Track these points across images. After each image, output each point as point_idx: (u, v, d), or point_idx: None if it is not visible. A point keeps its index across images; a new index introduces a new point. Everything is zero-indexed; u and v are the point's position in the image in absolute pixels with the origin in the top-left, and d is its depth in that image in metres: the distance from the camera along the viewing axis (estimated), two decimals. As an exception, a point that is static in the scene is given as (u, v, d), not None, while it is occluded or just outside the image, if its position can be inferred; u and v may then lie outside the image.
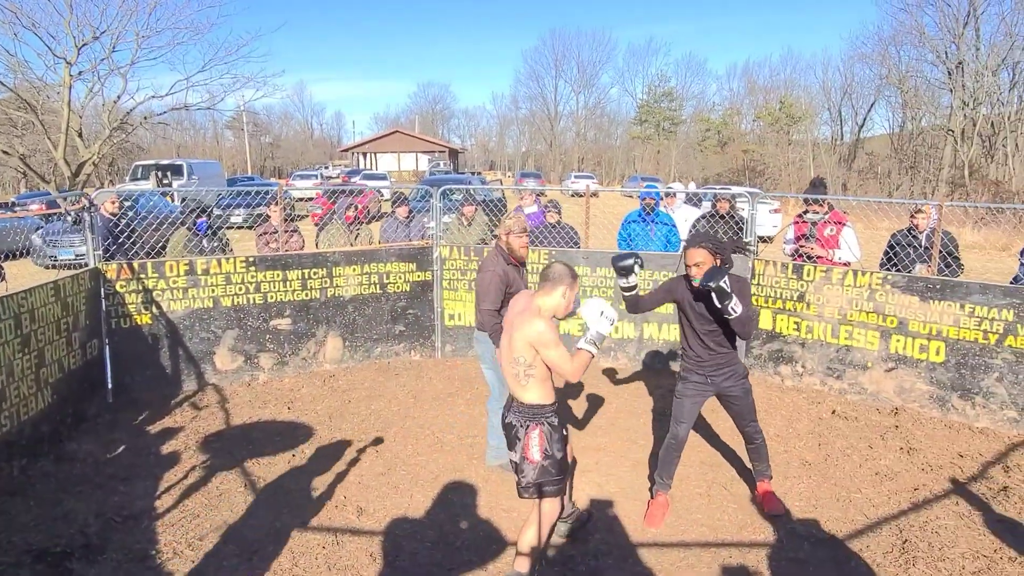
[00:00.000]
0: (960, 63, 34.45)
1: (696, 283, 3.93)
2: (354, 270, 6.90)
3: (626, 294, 4.20)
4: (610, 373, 6.89)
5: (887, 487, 4.60)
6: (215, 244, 7.05)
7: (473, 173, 43.97)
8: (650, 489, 4.50)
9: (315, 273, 6.69)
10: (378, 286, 7.05)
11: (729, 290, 3.72)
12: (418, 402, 6.07)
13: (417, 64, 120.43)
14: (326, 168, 53.73)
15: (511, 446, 3.43)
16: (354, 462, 4.90)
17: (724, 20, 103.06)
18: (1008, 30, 33.13)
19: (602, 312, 3.30)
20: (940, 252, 5.90)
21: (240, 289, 6.34)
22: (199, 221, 6.94)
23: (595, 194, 25.39)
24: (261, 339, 6.48)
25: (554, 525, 3.51)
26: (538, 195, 8.94)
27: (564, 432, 3.43)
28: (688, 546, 3.90)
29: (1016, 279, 6.16)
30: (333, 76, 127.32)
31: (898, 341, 5.88)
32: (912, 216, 6.35)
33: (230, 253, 6.94)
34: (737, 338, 4.06)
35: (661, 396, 6.28)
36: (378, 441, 5.25)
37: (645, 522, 4.16)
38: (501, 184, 29.24)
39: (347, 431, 5.44)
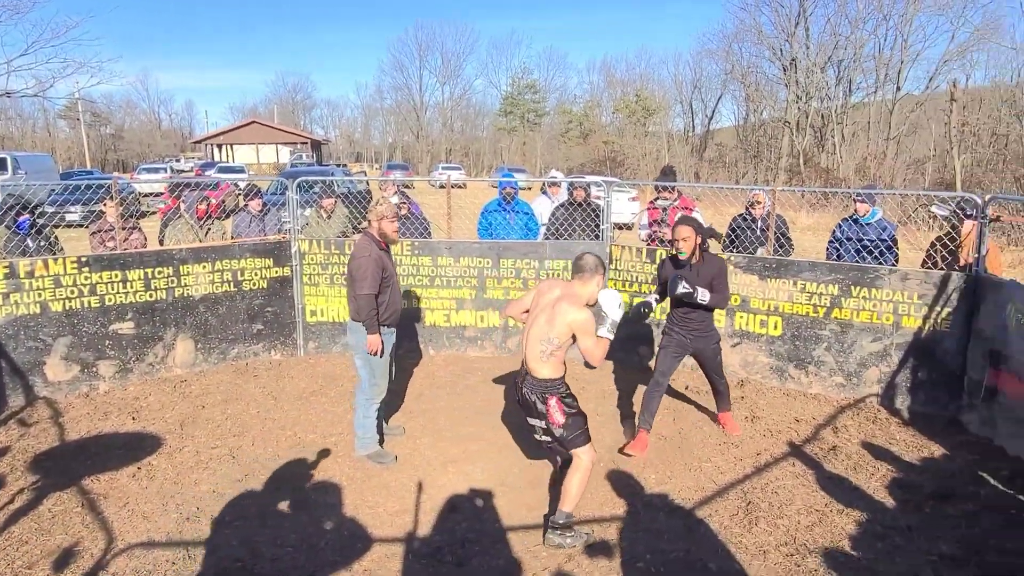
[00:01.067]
0: (793, 60, 37.40)
1: (681, 256, 4.78)
2: (204, 267, 6.50)
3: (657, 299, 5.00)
4: (478, 362, 6.93)
5: (733, 454, 4.93)
6: (40, 244, 6.41)
7: (338, 165, 42.79)
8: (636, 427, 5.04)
9: (160, 272, 6.24)
10: (232, 284, 6.69)
11: (691, 291, 4.64)
12: (279, 403, 5.83)
13: (275, 52, 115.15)
14: (177, 161, 50.38)
15: (531, 415, 3.90)
16: (208, 471, 4.63)
17: (583, 16, 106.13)
18: (833, 30, 36.38)
19: (619, 303, 3.81)
20: (775, 234, 6.38)
21: (72, 292, 5.81)
22: (20, 219, 6.27)
23: (463, 185, 25.46)
24: (99, 345, 5.97)
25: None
26: (404, 187, 8.82)
27: (572, 394, 3.94)
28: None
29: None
30: (182, 63, 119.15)
31: (741, 318, 6.31)
32: (750, 206, 6.80)
33: (60, 253, 6.33)
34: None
35: (527, 382, 6.38)
36: (235, 446, 4.99)
37: (630, 448, 4.85)
38: (366, 176, 28.59)
39: (201, 438, 5.13)
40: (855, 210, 6.33)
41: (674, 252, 4.86)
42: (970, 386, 5.35)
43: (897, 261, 6.18)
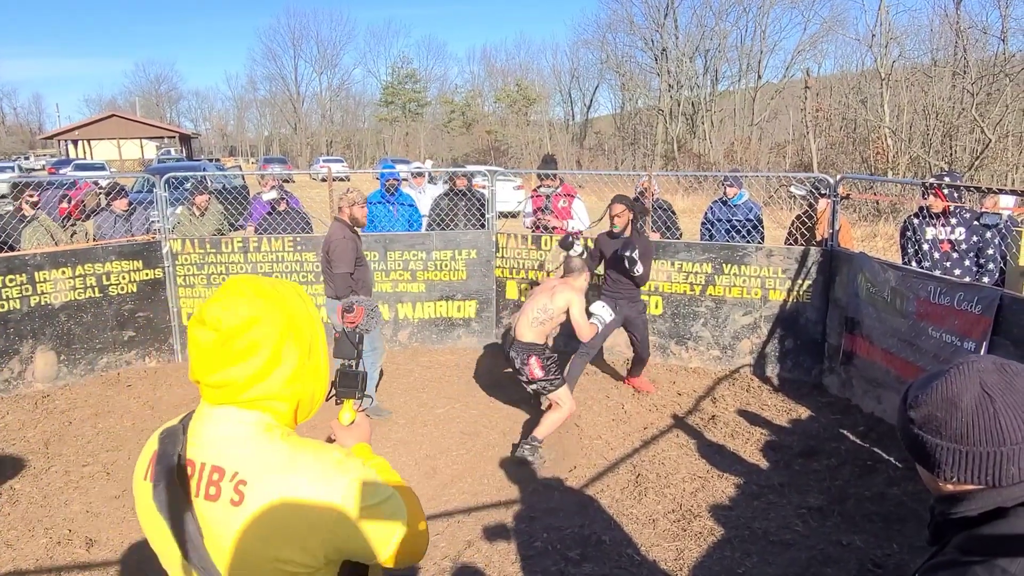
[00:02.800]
0: (664, 50, 38.98)
1: (615, 229, 5.48)
2: (63, 273, 6.03)
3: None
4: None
5: (622, 429, 5.13)
6: None
7: (210, 160, 40.65)
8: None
9: (11, 280, 5.73)
10: (97, 289, 6.24)
11: (637, 259, 5.20)
12: (156, 413, 5.51)
13: (133, 39, 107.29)
14: (26, 159, 46.21)
15: (518, 373, 4.81)
16: (80, 490, 4.33)
17: (459, 4, 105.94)
18: (699, 21, 38.21)
19: (607, 311, 5.03)
20: (656, 219, 6.65)
21: (-92, 307, 5.24)
22: None
23: (346, 178, 24.86)
24: (-56, 364, 5.43)
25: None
26: (282, 181, 8.52)
27: (553, 357, 4.88)
28: (451, 514, 4.02)
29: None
30: (24, 52, 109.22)
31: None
32: (640, 194, 7.03)
33: None
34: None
35: (421, 373, 6.36)
36: (110, 462, 4.69)
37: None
38: (241, 170, 27.37)
39: (69, 457, 4.78)
40: (724, 193, 6.71)
41: (610, 227, 5.55)
42: (830, 351, 5.82)
43: (763, 239, 6.60)
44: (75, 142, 50.13)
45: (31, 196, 6.69)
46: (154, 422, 5.30)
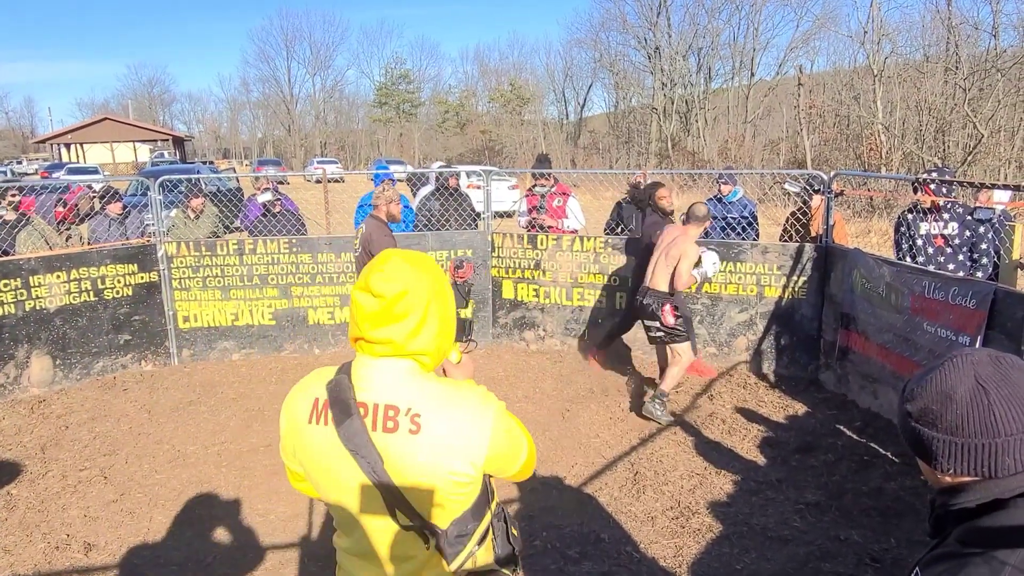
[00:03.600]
0: (657, 48, 39.01)
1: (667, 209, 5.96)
2: (58, 277, 6.01)
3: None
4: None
5: (620, 427, 5.14)
6: None
7: (204, 162, 40.59)
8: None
9: (5, 285, 5.71)
10: (92, 293, 6.22)
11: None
12: (153, 416, 5.50)
13: (125, 42, 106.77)
14: (19, 163, 46.05)
15: (648, 319, 5.23)
16: (77, 494, 4.31)
17: (452, 4, 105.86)
18: (692, 20, 38.26)
19: (715, 264, 5.39)
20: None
21: (-98, 313, 5.22)
22: None
23: (341, 179, 24.83)
24: (-61, 370, 5.41)
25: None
26: (277, 183, 8.51)
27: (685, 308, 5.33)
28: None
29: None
30: (16, 55, 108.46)
31: (621, 297, 6.56)
32: (631, 188, 7.06)
33: None
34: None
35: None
36: (107, 466, 4.68)
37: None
38: (235, 173, 27.31)
39: (66, 461, 4.77)
40: (719, 190, 6.72)
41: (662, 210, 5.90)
42: (825, 347, 5.84)
43: (758, 236, 6.62)
44: (68, 146, 49.97)
45: (13, 197, 6.63)
46: (151, 426, 5.30)
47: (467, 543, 1.52)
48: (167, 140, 53.07)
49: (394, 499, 1.45)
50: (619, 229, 6.88)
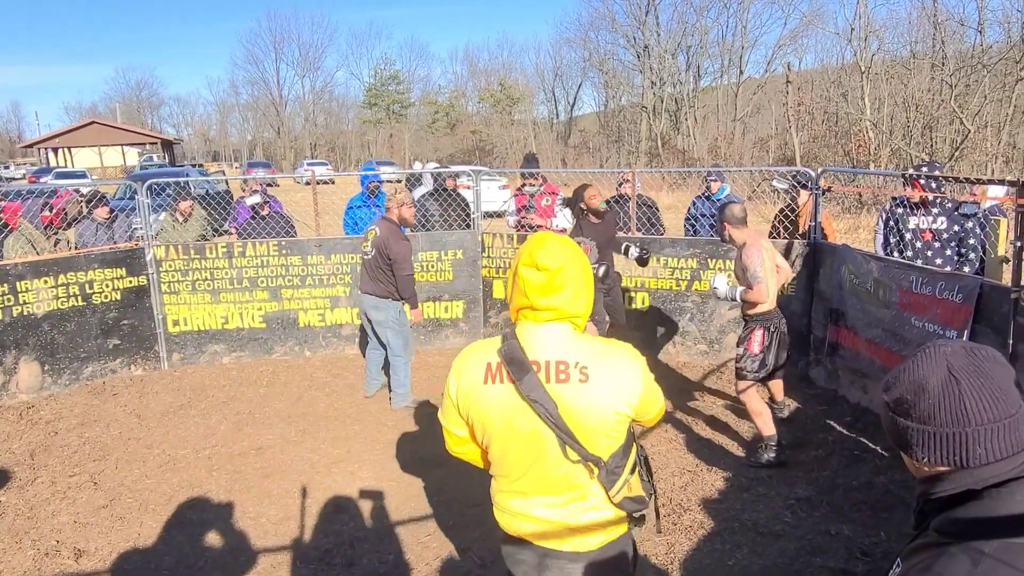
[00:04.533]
0: (646, 47, 39.10)
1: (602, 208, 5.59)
2: (46, 282, 5.97)
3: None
4: (356, 359, 6.80)
5: (611, 426, 5.14)
6: None
7: (193, 165, 40.41)
8: None
9: (-7, 291, 5.68)
10: (80, 298, 6.18)
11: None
12: (143, 421, 5.47)
13: (112, 45, 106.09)
14: (6, 168, 45.74)
15: (738, 343, 4.63)
16: (67, 500, 4.29)
17: (440, 4, 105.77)
18: (680, 18, 38.36)
19: (715, 287, 4.77)
20: (640, 216, 6.68)
21: None
22: None
23: (331, 181, 24.76)
24: (-74, 377, 5.37)
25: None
26: (266, 185, 8.48)
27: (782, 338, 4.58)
28: (443, 515, 4.02)
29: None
30: (1, 60, 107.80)
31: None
32: (619, 186, 7.07)
33: None
34: None
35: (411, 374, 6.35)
36: (96, 471, 4.65)
37: None
38: (224, 175, 27.21)
39: (55, 467, 4.74)
40: (708, 188, 6.74)
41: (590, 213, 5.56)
42: (815, 343, 5.86)
43: (747, 233, 6.63)
44: (55, 150, 49.59)
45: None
46: (142, 430, 5.27)
47: (622, 473, 1.85)
48: (156, 143, 52.74)
49: (567, 438, 1.77)
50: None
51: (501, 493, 1.93)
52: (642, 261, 5.79)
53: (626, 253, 5.75)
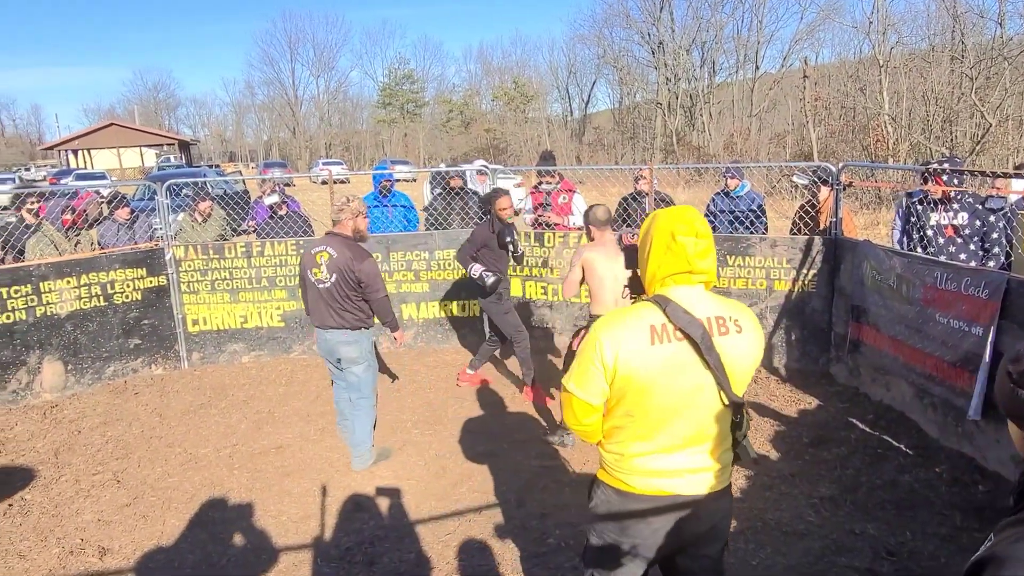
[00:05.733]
0: (661, 43, 38.90)
1: (509, 220, 5.45)
2: (68, 283, 6.03)
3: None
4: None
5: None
6: None
7: (210, 166, 40.71)
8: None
9: (16, 291, 5.74)
10: (102, 298, 6.25)
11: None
12: (164, 420, 5.52)
13: (130, 47, 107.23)
14: (27, 170, 46.30)
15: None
16: (91, 499, 4.33)
17: (454, 3, 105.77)
18: (695, 14, 38.12)
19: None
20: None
21: (-86, 320, 5.25)
22: None
23: (346, 180, 24.85)
24: (-48, 377, 5.44)
25: None
26: (282, 185, 8.53)
27: None
28: (462, 513, 4.02)
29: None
30: (22, 62, 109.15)
31: (625, 291, 6.52)
32: (636, 182, 7.02)
33: None
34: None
35: (427, 374, 6.36)
36: (119, 470, 4.69)
37: (527, 397, 5.67)
38: (241, 175, 27.38)
39: (79, 466, 4.79)
40: (726, 184, 6.68)
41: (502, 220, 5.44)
42: (836, 340, 5.80)
43: (767, 229, 6.58)
44: (75, 152, 50.18)
45: (32, 205, 6.67)
46: (163, 429, 5.32)
47: (745, 415, 2.09)
48: (173, 144, 53.22)
49: (725, 386, 1.98)
50: (625, 225, 6.85)
51: (638, 457, 2.05)
52: (488, 290, 5.47)
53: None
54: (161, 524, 4.01)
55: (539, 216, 6.94)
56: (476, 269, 5.36)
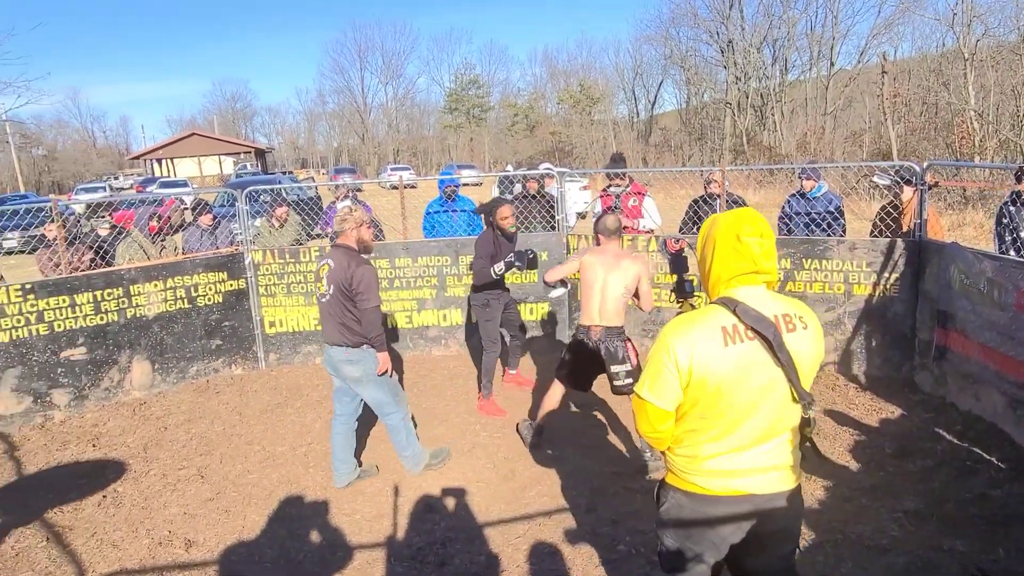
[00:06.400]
0: (730, 42, 38.06)
1: (511, 231, 5.53)
2: (156, 286, 6.34)
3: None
4: (442, 361, 6.92)
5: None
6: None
7: (284, 172, 42.05)
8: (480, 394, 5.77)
9: (109, 294, 6.07)
10: (186, 300, 6.54)
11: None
12: (244, 418, 5.73)
13: (209, 61, 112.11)
14: (116, 179, 48.88)
15: (614, 363, 4.39)
16: (177, 492, 4.53)
17: (520, 7, 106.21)
18: (766, 11, 37.11)
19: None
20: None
21: (18, 321, 5.60)
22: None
23: (415, 185, 25.27)
24: (51, 374, 5.78)
25: None
26: (354, 191, 8.74)
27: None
28: (531, 517, 4.02)
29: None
30: (112, 78, 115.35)
31: (699, 299, 6.41)
32: (707, 185, 6.90)
33: (0, 282, 6.09)
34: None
35: (497, 375, 6.39)
36: (203, 465, 4.90)
37: (480, 411, 5.60)
38: (314, 182, 28.19)
39: (166, 461, 5.02)
40: (801, 186, 6.49)
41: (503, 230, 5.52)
42: (921, 347, 5.55)
43: (844, 231, 6.36)
44: (159, 160, 52.67)
45: (108, 217, 7.00)
46: (243, 427, 5.52)
47: (812, 412, 2.14)
48: (249, 152, 55.28)
49: (795, 381, 2.04)
50: (695, 228, 6.73)
51: (712, 459, 2.10)
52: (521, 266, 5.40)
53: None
54: (242, 519, 4.17)
55: (607, 219, 6.87)
56: (499, 266, 5.33)
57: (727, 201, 6.54)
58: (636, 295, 4.46)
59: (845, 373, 5.89)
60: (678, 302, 3.71)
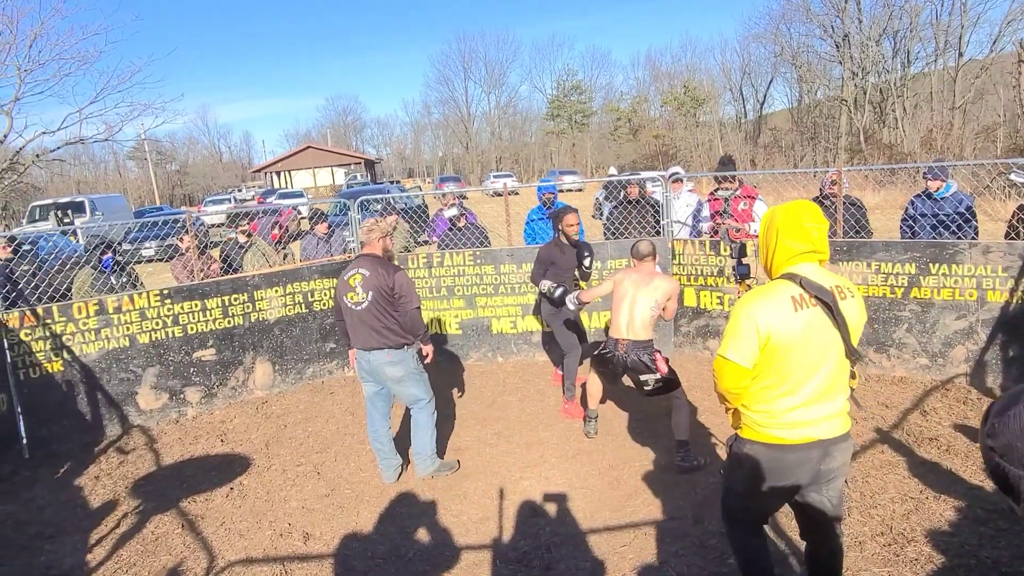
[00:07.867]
0: (846, 36, 36.24)
1: (575, 237, 5.71)
2: (276, 291, 6.72)
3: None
4: (547, 366, 6.94)
5: (818, 444, 4.79)
6: (124, 280, 6.73)
7: (392, 182, 43.53)
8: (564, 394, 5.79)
9: (236, 299, 6.49)
10: (303, 305, 6.89)
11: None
12: (356, 419, 5.97)
13: (323, 77, 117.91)
14: (239, 191, 52.19)
15: (642, 372, 4.56)
16: (296, 487, 4.78)
17: (622, 11, 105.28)
18: (886, 1, 35.06)
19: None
20: (848, 217, 6.18)
21: (157, 324, 6.09)
22: (104, 258, 6.61)
23: (515, 192, 25.56)
24: (185, 373, 6.24)
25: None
26: (460, 198, 8.94)
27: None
28: (638, 526, 3.97)
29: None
30: (237, 96, 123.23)
31: (752, 279, 6.12)
32: (828, 185, 6.55)
33: (141, 288, 6.64)
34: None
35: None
36: (319, 462, 5.14)
37: (564, 414, 5.67)
38: (420, 191, 29.04)
39: (286, 457, 5.31)
40: (927, 186, 6.09)
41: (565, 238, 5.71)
42: (1067, 359, 5.08)
43: (976, 234, 5.92)
44: (278, 173, 55.83)
45: (246, 226, 7.54)
46: (355, 427, 5.75)
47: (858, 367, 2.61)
48: (359, 163, 57.64)
49: (847, 340, 2.49)
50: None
51: (789, 412, 2.53)
52: (557, 302, 5.57)
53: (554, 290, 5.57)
54: (355, 515, 4.34)
55: (717, 224, 6.72)
56: (545, 284, 5.58)
57: (844, 204, 6.21)
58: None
59: (979, 386, 5.47)
60: (739, 283, 4.26)
